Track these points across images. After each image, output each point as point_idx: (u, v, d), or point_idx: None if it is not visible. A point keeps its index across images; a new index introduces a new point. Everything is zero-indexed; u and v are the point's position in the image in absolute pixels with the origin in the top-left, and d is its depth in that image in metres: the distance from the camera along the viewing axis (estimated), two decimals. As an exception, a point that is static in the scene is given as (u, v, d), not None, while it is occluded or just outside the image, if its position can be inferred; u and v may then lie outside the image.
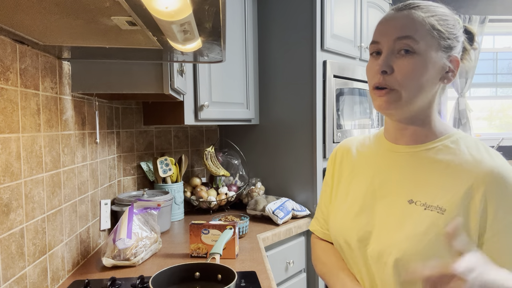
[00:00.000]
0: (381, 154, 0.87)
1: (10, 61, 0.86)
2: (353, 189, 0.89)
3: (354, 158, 0.93)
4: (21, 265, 0.90)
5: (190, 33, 0.75)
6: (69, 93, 1.18)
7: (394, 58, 0.76)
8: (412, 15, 0.76)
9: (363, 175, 0.88)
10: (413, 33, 0.74)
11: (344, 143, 0.99)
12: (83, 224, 1.28)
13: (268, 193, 2.07)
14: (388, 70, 0.75)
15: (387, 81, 0.76)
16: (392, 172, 0.83)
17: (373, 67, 0.79)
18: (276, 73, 2.00)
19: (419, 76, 0.75)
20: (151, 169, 1.82)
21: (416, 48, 0.74)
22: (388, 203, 0.81)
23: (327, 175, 1.00)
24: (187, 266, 1.02)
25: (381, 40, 0.78)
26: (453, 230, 0.64)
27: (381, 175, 0.84)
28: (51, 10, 0.66)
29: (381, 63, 0.76)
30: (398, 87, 0.75)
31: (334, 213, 0.92)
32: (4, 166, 0.84)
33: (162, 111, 1.71)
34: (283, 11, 1.95)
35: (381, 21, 0.80)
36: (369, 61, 0.82)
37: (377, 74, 0.77)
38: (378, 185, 0.84)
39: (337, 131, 1.96)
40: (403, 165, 0.82)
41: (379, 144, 0.90)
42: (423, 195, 0.77)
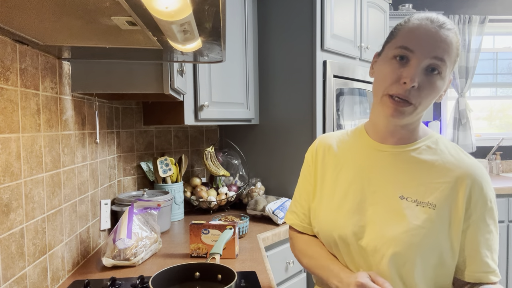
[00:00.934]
0: (366, 152, 0.90)
1: (10, 61, 0.86)
2: (340, 186, 0.91)
3: (337, 154, 0.95)
4: (21, 265, 0.90)
5: (190, 33, 0.75)
6: (69, 93, 1.18)
7: (422, 74, 0.77)
8: (451, 39, 0.77)
9: (349, 172, 0.91)
10: (447, 58, 0.77)
11: (324, 139, 1.00)
12: (83, 224, 1.28)
13: (268, 193, 2.07)
14: (416, 85, 0.77)
15: (411, 95, 0.77)
16: (380, 170, 0.87)
17: (396, 73, 0.79)
18: (276, 73, 2.00)
19: (435, 96, 0.80)
20: (151, 169, 1.82)
21: (443, 71, 0.78)
22: (379, 199, 0.85)
23: (307, 170, 1.01)
24: (187, 266, 1.02)
25: (417, 51, 0.77)
26: None
27: (369, 172, 0.88)
28: (51, 10, 0.66)
29: (412, 76, 0.76)
30: (417, 103, 0.78)
31: (324, 210, 0.93)
32: (4, 166, 0.84)
33: (162, 111, 1.71)
34: (283, 11, 1.95)
35: (419, 29, 0.78)
36: (389, 62, 0.81)
37: (400, 84, 0.78)
38: (367, 181, 0.87)
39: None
40: (390, 163, 0.86)
41: (362, 141, 0.92)
42: (412, 192, 0.82)
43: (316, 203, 0.97)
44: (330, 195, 0.93)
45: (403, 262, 0.79)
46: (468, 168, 0.82)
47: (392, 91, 0.79)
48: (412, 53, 0.77)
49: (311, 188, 0.99)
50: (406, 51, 0.78)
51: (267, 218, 1.79)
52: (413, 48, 0.77)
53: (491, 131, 3.53)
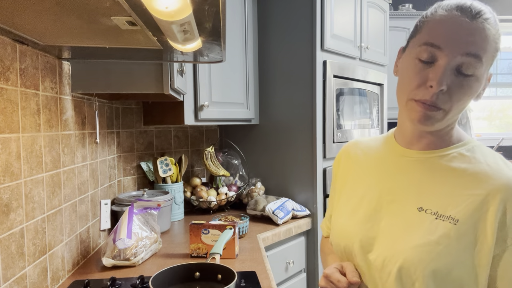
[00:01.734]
0: (391, 158, 0.81)
1: (10, 61, 0.86)
2: (357, 193, 0.83)
3: (361, 160, 0.88)
4: (21, 265, 0.90)
5: (190, 33, 0.75)
6: (69, 93, 1.18)
7: (452, 75, 0.66)
8: (487, 31, 0.65)
9: (370, 179, 0.83)
10: (484, 54, 0.65)
11: (350, 145, 0.93)
12: (83, 224, 1.28)
13: (268, 193, 2.07)
14: (445, 88, 0.66)
15: (439, 100, 0.67)
16: (401, 177, 0.77)
17: (422, 75, 0.68)
18: (276, 73, 2.00)
19: (469, 98, 0.68)
20: (151, 169, 1.82)
21: (478, 70, 0.66)
22: (395, 209, 0.75)
23: (333, 178, 0.96)
24: (187, 266, 1.02)
25: (446, 47, 0.65)
26: None
27: (389, 179, 0.79)
28: (51, 10, 0.66)
29: (440, 79, 0.65)
30: (447, 108, 0.68)
31: (336, 216, 0.87)
32: (4, 166, 0.84)
33: (162, 111, 1.71)
34: (283, 11, 1.95)
35: (447, 21, 0.67)
36: (413, 63, 0.70)
37: (426, 88, 0.67)
38: (385, 190, 0.78)
39: (337, 131, 1.96)
40: (413, 170, 0.76)
41: (389, 147, 0.84)
42: (434, 203, 0.71)
43: (334, 210, 0.91)
44: (345, 203, 0.85)
45: (411, 282, 0.68)
46: (506, 180, 0.67)
47: (417, 96, 0.68)
48: (440, 50, 0.66)
49: (335, 196, 0.92)
50: (432, 48, 0.67)
51: (267, 218, 1.79)
52: (440, 44, 0.66)
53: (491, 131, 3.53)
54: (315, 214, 1.88)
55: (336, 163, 0.95)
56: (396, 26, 2.66)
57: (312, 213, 1.89)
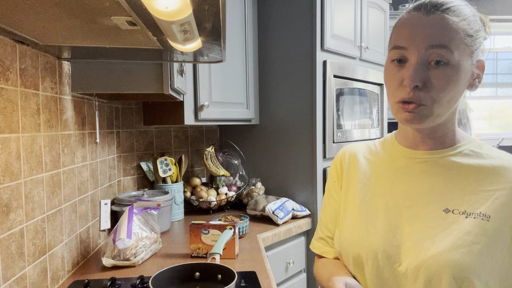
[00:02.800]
0: (398, 161, 0.79)
1: (10, 61, 0.86)
2: (368, 200, 0.79)
3: (363, 166, 0.83)
4: (21, 265, 0.90)
5: (190, 33, 0.75)
6: (69, 93, 1.18)
7: (425, 70, 0.67)
8: (446, 20, 0.66)
9: (379, 184, 0.79)
10: (448, 42, 0.66)
11: (348, 149, 0.89)
12: (83, 224, 1.28)
13: (268, 193, 2.07)
14: (420, 84, 0.67)
15: (418, 96, 0.67)
16: (415, 180, 0.74)
17: (397, 77, 0.70)
18: (276, 73, 2.00)
19: (452, 89, 0.68)
20: (151, 169, 1.82)
21: (451, 59, 0.66)
22: (417, 214, 0.72)
23: (332, 187, 0.89)
24: (187, 266, 1.02)
25: (409, 46, 0.68)
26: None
27: (402, 183, 0.76)
28: (51, 10, 0.66)
29: (411, 76, 0.66)
30: (430, 103, 0.68)
31: (348, 227, 0.80)
32: (4, 166, 0.84)
33: (162, 111, 1.71)
34: (283, 11, 1.95)
35: (406, 23, 0.70)
36: (389, 68, 0.72)
37: (403, 87, 0.69)
38: (400, 195, 0.75)
39: (337, 131, 1.96)
40: (428, 172, 0.74)
41: (392, 150, 0.81)
42: (459, 203, 0.69)
43: (341, 221, 0.83)
44: (356, 210, 0.80)
45: (457, 285, 0.65)
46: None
47: (397, 97, 0.70)
48: (406, 50, 0.68)
49: (338, 207, 0.85)
50: (400, 51, 0.69)
51: (267, 218, 1.79)
52: (404, 45, 0.68)
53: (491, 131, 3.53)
54: (315, 214, 1.88)
55: (334, 171, 0.89)
56: (396, 26, 2.66)
57: (312, 213, 1.89)
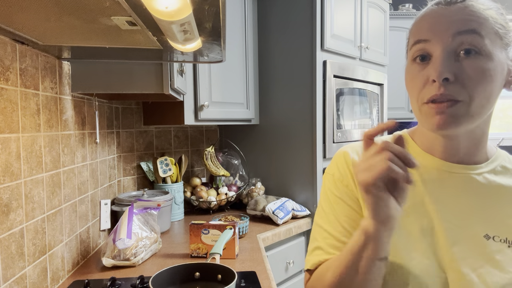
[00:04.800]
0: (427, 173, 0.66)
1: (10, 61, 0.86)
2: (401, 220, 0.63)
3: None
4: (21, 265, 0.90)
5: (190, 33, 0.75)
6: (69, 93, 1.18)
7: (454, 61, 0.58)
8: (471, 7, 0.59)
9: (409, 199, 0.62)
10: (477, 27, 0.57)
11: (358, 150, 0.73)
12: (83, 224, 1.28)
13: (268, 193, 2.07)
14: (450, 77, 0.57)
15: (450, 91, 0.57)
16: (451, 198, 0.64)
17: (421, 75, 0.61)
18: (276, 73, 2.00)
19: (489, 82, 0.58)
20: (151, 169, 1.82)
21: (482, 46, 0.57)
22: (457, 239, 0.62)
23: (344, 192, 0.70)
24: (187, 266, 1.02)
25: (433, 37, 0.59)
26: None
27: (435, 201, 0.64)
28: (51, 10, 0.66)
29: (439, 68, 0.57)
30: (466, 97, 0.57)
31: None
32: (4, 166, 0.84)
33: (162, 111, 1.71)
34: (283, 11, 1.95)
35: (426, 16, 0.62)
36: (410, 69, 0.64)
37: (430, 84, 0.59)
38: (435, 213, 0.63)
39: (337, 131, 1.96)
40: (465, 189, 0.64)
41: (418, 158, 0.68)
42: (499, 228, 0.62)
43: None
44: None
45: None
46: None
47: (425, 97, 0.60)
48: (429, 42, 0.60)
49: (358, 217, 0.68)
50: (422, 45, 0.61)
51: (267, 218, 1.79)
52: (426, 37, 0.60)
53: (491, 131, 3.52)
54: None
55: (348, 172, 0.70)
56: (396, 26, 2.66)
57: (312, 213, 1.89)
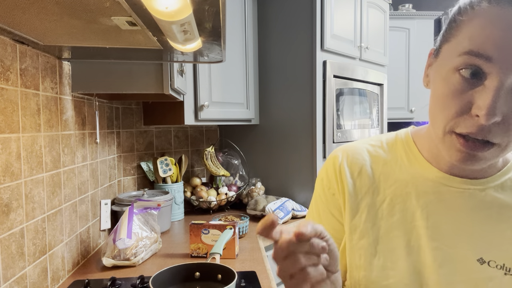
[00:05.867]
0: (423, 185, 0.59)
1: (10, 61, 0.86)
2: (384, 235, 0.59)
3: (372, 180, 0.62)
4: (21, 265, 0.90)
5: (190, 33, 0.75)
6: (69, 93, 1.18)
7: (509, 98, 0.45)
8: None
9: (396, 212, 0.59)
10: None
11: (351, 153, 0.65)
12: (83, 224, 1.28)
13: (268, 193, 2.07)
14: (500, 119, 0.45)
15: (492, 133, 0.46)
16: (445, 215, 0.57)
17: (464, 97, 0.47)
18: (276, 73, 2.00)
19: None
20: (151, 169, 1.82)
21: None
22: (446, 260, 0.55)
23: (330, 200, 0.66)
24: (187, 266, 1.02)
25: (499, 59, 0.44)
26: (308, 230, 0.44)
27: (427, 216, 0.57)
28: (51, 10, 0.66)
29: (489, 106, 0.44)
30: (503, 142, 0.47)
31: (360, 268, 0.60)
32: (4, 166, 0.84)
33: (162, 111, 1.71)
34: (283, 11, 1.95)
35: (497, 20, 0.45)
36: (451, 79, 0.49)
37: (471, 117, 0.47)
38: (424, 230, 0.57)
39: (337, 131, 1.96)
40: (463, 207, 0.56)
41: (414, 166, 0.61)
42: (497, 252, 0.54)
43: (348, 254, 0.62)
44: (367, 248, 0.60)
45: None
46: None
47: (458, 127, 0.48)
48: (490, 62, 0.45)
49: (341, 228, 0.64)
50: (478, 60, 0.46)
51: (267, 218, 1.79)
52: (491, 54, 0.44)
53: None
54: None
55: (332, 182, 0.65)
56: (396, 26, 2.66)
57: (312, 213, 1.89)
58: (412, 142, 0.63)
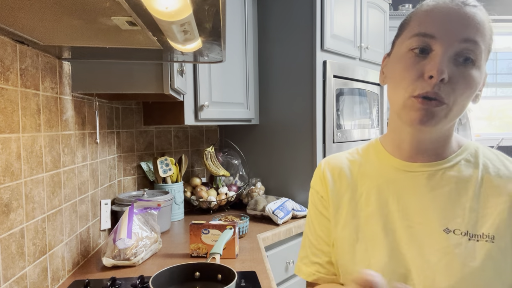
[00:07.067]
0: (389, 174, 0.70)
1: (10, 61, 0.86)
2: (364, 224, 0.69)
3: (351, 179, 0.74)
4: (21, 265, 0.90)
5: (190, 33, 0.75)
6: (69, 93, 1.18)
7: (452, 64, 0.59)
8: (480, 17, 0.60)
9: (372, 203, 0.70)
10: (481, 40, 0.59)
11: (331, 161, 0.79)
12: (83, 224, 1.28)
13: (268, 193, 2.07)
14: (447, 78, 0.58)
15: (442, 91, 0.59)
16: (412, 196, 0.67)
17: (417, 68, 0.61)
18: (276, 73, 2.00)
19: (472, 92, 0.61)
20: (151, 169, 1.82)
21: (478, 58, 0.60)
22: (417, 235, 0.64)
23: (319, 203, 0.77)
24: (187, 266, 1.02)
25: (441, 35, 0.59)
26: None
27: (397, 200, 0.68)
28: (51, 10, 0.66)
29: (438, 67, 0.58)
30: (450, 102, 0.60)
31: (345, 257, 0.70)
32: (4, 166, 0.84)
33: (162, 111, 1.71)
34: (283, 11, 1.95)
35: (437, 8, 0.61)
36: (404, 57, 0.63)
37: (424, 80, 0.60)
38: (396, 213, 0.67)
39: (337, 131, 1.96)
40: (425, 187, 0.66)
41: (382, 161, 0.72)
42: (460, 222, 0.62)
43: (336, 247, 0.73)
44: (352, 238, 0.70)
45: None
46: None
47: (416, 90, 0.60)
48: (434, 39, 0.60)
49: (328, 225, 0.75)
50: (425, 39, 0.60)
51: (267, 218, 1.79)
52: (434, 33, 0.60)
53: (491, 131, 3.53)
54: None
55: (319, 185, 0.78)
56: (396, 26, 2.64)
57: (312, 213, 1.89)
58: (379, 143, 0.75)
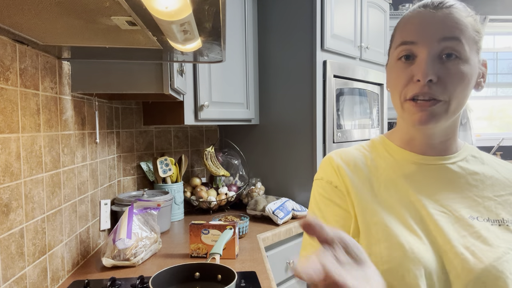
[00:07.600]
0: (406, 168, 0.73)
1: (10, 61, 0.86)
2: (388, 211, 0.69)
3: (367, 172, 0.74)
4: (21, 265, 0.90)
5: (190, 33, 0.75)
6: (69, 93, 1.18)
7: (437, 63, 0.65)
8: (455, 14, 0.66)
9: (392, 195, 0.71)
10: (460, 35, 0.65)
11: (342, 154, 0.77)
12: (83, 224, 1.28)
13: (268, 193, 2.07)
14: (434, 78, 0.64)
15: (433, 90, 0.64)
16: (431, 187, 0.70)
17: (406, 73, 0.67)
18: (276, 73, 2.00)
19: (466, 84, 0.66)
20: (151, 169, 1.82)
21: (462, 52, 0.65)
22: (445, 221, 0.67)
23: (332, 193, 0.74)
24: (187, 266, 1.02)
25: (419, 40, 0.65)
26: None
27: (418, 192, 0.70)
28: (51, 10, 0.66)
29: (424, 69, 0.64)
30: (446, 98, 0.65)
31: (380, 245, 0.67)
32: (4, 166, 0.84)
33: (162, 111, 1.71)
34: (283, 11, 1.95)
35: (413, 18, 0.68)
36: (394, 66, 0.70)
37: (414, 83, 0.65)
38: (419, 203, 0.69)
39: (337, 131, 1.96)
40: (442, 178, 0.71)
41: (395, 155, 0.75)
42: (480, 210, 0.68)
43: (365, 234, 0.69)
44: (381, 221, 0.68)
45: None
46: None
47: (408, 93, 0.66)
48: (415, 45, 0.66)
49: (348, 215, 0.72)
50: (407, 46, 0.67)
51: (267, 218, 1.79)
52: (413, 39, 0.66)
53: (491, 131, 3.53)
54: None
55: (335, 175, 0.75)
56: (396, 26, 2.66)
57: (312, 213, 1.89)
58: (386, 139, 0.78)
